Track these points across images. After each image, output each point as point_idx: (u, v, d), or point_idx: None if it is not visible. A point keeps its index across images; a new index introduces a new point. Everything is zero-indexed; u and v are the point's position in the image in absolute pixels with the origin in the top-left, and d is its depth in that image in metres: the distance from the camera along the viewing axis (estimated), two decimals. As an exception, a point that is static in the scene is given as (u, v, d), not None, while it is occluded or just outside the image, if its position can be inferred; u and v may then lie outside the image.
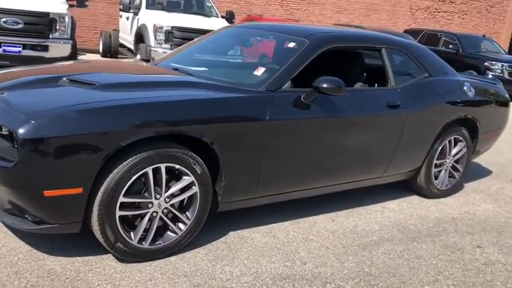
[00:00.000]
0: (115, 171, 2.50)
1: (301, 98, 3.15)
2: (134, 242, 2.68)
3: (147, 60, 5.63)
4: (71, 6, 9.66)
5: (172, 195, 2.78)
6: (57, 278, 2.49)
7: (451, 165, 4.40)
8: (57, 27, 8.19)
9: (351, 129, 3.42)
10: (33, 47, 7.98)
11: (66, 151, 2.36)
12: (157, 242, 2.78)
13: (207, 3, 10.57)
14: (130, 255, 2.70)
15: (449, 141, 4.27)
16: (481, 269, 3.14)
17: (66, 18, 8.31)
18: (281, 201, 3.43)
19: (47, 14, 8.06)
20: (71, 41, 8.37)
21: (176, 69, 3.41)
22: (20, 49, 7.88)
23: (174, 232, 2.83)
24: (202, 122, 2.73)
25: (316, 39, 3.42)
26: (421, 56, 4.02)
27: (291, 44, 3.43)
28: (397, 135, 3.74)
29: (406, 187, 4.38)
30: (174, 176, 2.78)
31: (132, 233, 2.69)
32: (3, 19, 7.77)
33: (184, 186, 2.79)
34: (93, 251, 2.76)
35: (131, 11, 10.04)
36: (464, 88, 4.26)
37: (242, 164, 2.97)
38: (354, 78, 3.93)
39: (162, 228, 2.83)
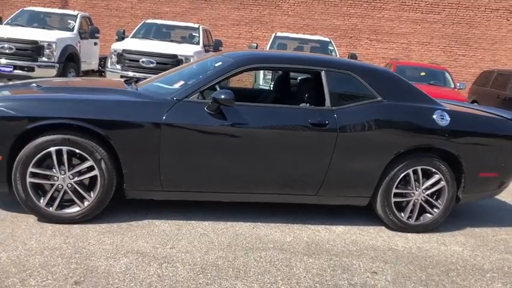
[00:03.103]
0: (25, 147, 3.41)
1: (205, 108, 3.61)
2: (42, 205, 3.51)
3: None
4: (207, 51, 11.39)
5: (79, 174, 3.54)
6: (-18, 220, 3.49)
7: (423, 198, 4.10)
8: (183, 66, 9.84)
9: (260, 142, 3.67)
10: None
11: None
12: (63, 210, 3.56)
13: (329, 47, 11.10)
14: (39, 215, 3.54)
15: (415, 172, 4.02)
16: (342, 288, 3.04)
17: (191, 60, 9.90)
18: (199, 200, 3.87)
19: (175, 55, 9.78)
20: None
21: (127, 81, 4.25)
22: (152, 83, 9.76)
23: (79, 206, 3.57)
24: (99, 118, 3.45)
25: (239, 59, 3.83)
26: (373, 80, 3.97)
27: (218, 63, 3.91)
28: (326, 154, 3.79)
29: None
30: (83, 159, 3.54)
31: (42, 198, 3.53)
32: (142, 59, 9.74)
33: (87, 168, 3.53)
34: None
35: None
36: (434, 116, 3.99)
37: (139, 158, 3.56)
38: (300, 99, 4.14)
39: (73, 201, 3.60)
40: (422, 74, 11.78)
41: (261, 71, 9.89)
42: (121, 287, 2.76)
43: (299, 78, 4.47)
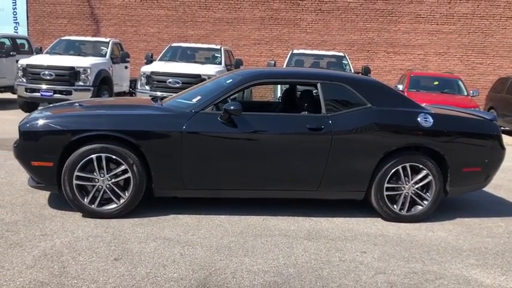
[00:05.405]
0: (71, 155, 4.16)
1: (218, 118, 4.30)
2: (85, 203, 4.24)
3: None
4: (229, 70, 12.16)
5: (115, 176, 4.26)
6: (48, 218, 4.24)
7: (413, 192, 4.64)
8: (207, 85, 10.64)
9: (266, 145, 4.32)
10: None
11: (42, 139, 4.14)
12: (103, 207, 4.28)
13: (344, 61, 11.70)
14: (83, 211, 4.27)
15: (404, 168, 4.57)
16: (334, 263, 3.63)
17: (215, 78, 10.70)
18: (217, 197, 4.54)
19: (199, 75, 10.60)
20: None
21: (153, 98, 4.97)
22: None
23: (116, 203, 4.29)
24: (131, 129, 4.18)
25: (246, 76, 4.52)
26: (363, 89, 4.58)
27: (229, 80, 4.60)
28: (323, 153, 4.40)
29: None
30: (118, 163, 4.26)
31: (86, 197, 4.26)
32: (169, 80, 10.59)
33: (122, 171, 4.25)
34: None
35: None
36: (418, 119, 4.56)
37: (164, 162, 4.26)
38: (302, 108, 4.79)
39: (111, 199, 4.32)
40: (436, 83, 12.24)
41: (278, 86, 10.59)
42: (151, 262, 3.44)
43: (301, 90, 5.13)
